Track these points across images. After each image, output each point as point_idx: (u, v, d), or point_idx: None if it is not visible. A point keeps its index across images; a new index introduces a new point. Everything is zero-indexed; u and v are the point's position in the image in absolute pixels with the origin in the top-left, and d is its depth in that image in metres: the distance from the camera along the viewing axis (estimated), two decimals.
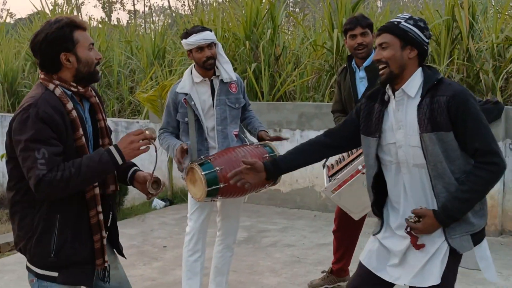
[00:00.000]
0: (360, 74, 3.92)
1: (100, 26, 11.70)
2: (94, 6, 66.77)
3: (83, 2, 34.47)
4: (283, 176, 3.19)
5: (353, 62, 3.97)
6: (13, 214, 2.40)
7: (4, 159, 5.82)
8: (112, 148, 2.27)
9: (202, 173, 3.42)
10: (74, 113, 2.31)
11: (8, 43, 11.10)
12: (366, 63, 3.88)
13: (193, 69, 3.80)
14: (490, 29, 7.19)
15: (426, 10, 7.59)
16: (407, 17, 2.52)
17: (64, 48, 2.30)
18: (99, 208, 2.40)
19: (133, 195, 6.83)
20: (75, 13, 11.82)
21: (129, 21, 16.87)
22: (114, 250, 2.65)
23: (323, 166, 3.87)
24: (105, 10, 36.05)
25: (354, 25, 3.85)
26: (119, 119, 8.17)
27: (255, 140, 3.92)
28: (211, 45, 3.69)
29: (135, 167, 2.63)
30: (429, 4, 8.09)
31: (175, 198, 7.13)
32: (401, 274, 2.59)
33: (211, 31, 3.73)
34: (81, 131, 2.33)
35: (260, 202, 6.89)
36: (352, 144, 2.80)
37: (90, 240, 2.40)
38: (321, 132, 2.88)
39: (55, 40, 2.29)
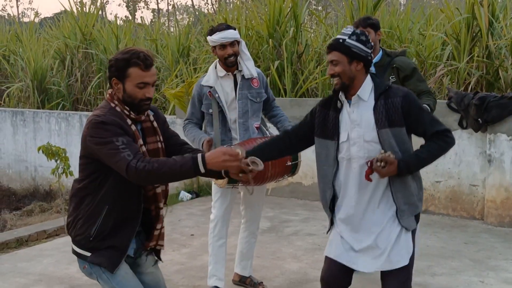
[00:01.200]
0: (372, 70, 4.11)
1: (125, 25, 11.98)
2: (119, 5, 67.40)
3: (107, 1, 34.92)
4: (305, 169, 3.43)
5: None
6: (72, 199, 2.73)
7: (40, 151, 6.14)
8: (198, 157, 2.49)
9: None
10: (133, 126, 2.65)
11: (37, 41, 11.42)
12: (374, 60, 4.07)
13: (217, 64, 4.03)
14: (509, 27, 7.31)
15: (446, 8, 7.72)
16: (349, 33, 2.89)
17: (117, 76, 2.62)
18: (160, 205, 2.76)
19: None
20: (100, 12, 12.08)
21: (153, 20, 17.15)
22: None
23: None
24: (129, 9, 36.51)
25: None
26: None
27: (276, 133, 4.13)
28: (233, 43, 3.89)
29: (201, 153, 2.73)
30: (450, 2, 8.20)
31: (201, 191, 7.39)
32: (370, 262, 2.91)
33: (235, 29, 3.94)
34: (141, 141, 2.66)
35: (282, 194, 7.11)
36: (304, 145, 3.18)
37: (131, 231, 2.69)
38: None
39: (113, 66, 2.62)
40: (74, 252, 2.76)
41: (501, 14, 7.44)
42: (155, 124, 2.76)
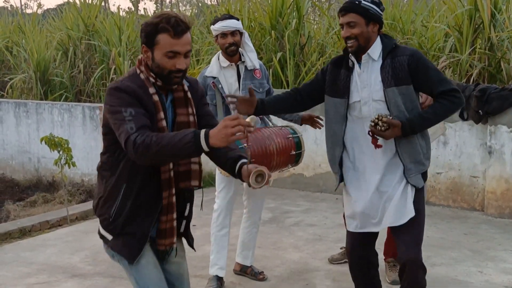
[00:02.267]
0: None
1: (128, 16, 11.98)
2: None
3: None
4: (306, 160, 3.49)
5: None
6: (98, 175, 2.59)
7: (43, 142, 6.17)
8: (201, 131, 2.21)
9: None
10: (156, 97, 2.42)
11: (40, 33, 11.43)
12: None
13: (220, 54, 4.08)
14: (511, 19, 7.30)
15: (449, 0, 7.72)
16: None
17: (146, 42, 2.41)
18: (172, 191, 2.47)
19: None
20: (103, 4, 12.06)
21: (156, 11, 17.17)
22: (184, 241, 2.72)
23: None
24: (132, 0, 36.45)
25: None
26: None
27: (278, 124, 4.18)
28: (234, 32, 3.95)
29: (244, 160, 2.49)
30: None
31: (203, 183, 7.36)
32: (382, 221, 3.04)
33: (238, 20, 3.99)
34: (162, 115, 2.42)
35: (284, 186, 7.15)
36: (312, 102, 3.27)
37: (150, 218, 2.48)
38: None
39: (143, 31, 2.41)
40: (99, 233, 2.59)
41: (504, 6, 7.44)
42: (188, 95, 2.52)
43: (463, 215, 5.89)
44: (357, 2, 2.90)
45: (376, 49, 2.97)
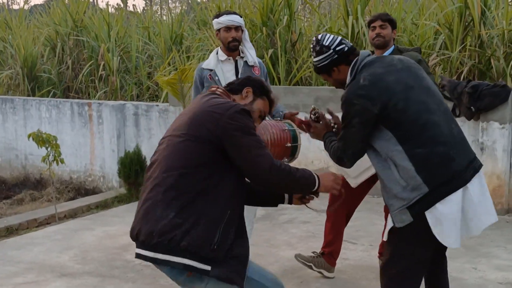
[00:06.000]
0: None
1: (117, 12, 11.88)
2: None
3: None
4: (299, 157, 3.47)
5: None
6: (173, 200, 2.31)
7: (30, 139, 6.06)
8: (315, 174, 2.48)
9: None
10: None
11: (27, 28, 11.31)
12: (386, 53, 4.10)
13: (219, 49, 4.08)
14: (501, 16, 7.32)
15: None
16: (312, 51, 2.95)
17: (263, 95, 2.70)
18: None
19: None
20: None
21: (145, 8, 17.04)
22: None
23: None
24: None
25: (376, 18, 4.16)
26: (139, 102, 8.40)
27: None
28: (238, 28, 3.97)
29: None
30: None
31: None
32: None
33: (241, 17, 4.02)
34: None
35: None
36: None
37: (247, 239, 2.48)
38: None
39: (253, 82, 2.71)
40: (186, 267, 2.30)
41: (493, 4, 7.46)
42: None
43: None
44: (314, 64, 2.96)
45: None
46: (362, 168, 3.79)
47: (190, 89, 6.60)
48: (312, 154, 6.62)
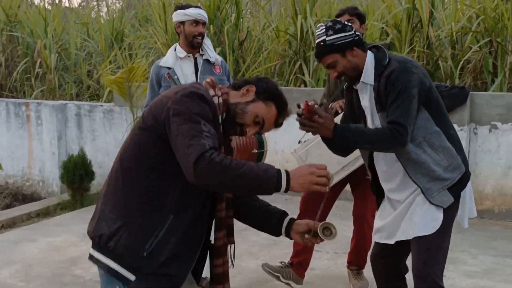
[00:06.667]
0: None
1: (54, 7, 11.34)
2: None
3: None
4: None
5: None
6: (112, 193, 2.10)
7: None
8: (282, 170, 1.96)
9: None
10: (221, 128, 2.14)
11: None
12: None
13: (177, 46, 3.87)
14: (448, 18, 7.40)
15: None
16: (324, 30, 2.67)
17: (260, 95, 2.21)
18: (224, 232, 2.23)
19: (98, 181, 6.72)
20: None
21: (81, 3, 16.44)
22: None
23: (299, 142, 3.91)
24: None
25: (343, 12, 3.98)
26: (82, 102, 8.00)
27: None
28: (204, 24, 3.80)
29: (290, 217, 2.34)
30: None
31: None
32: (390, 234, 2.86)
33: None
34: (222, 149, 2.16)
35: None
36: None
37: (191, 261, 2.15)
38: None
39: (266, 89, 2.23)
40: (109, 270, 2.07)
41: (441, 5, 7.55)
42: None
43: None
44: (322, 44, 2.67)
45: (369, 72, 2.70)
46: (343, 164, 3.64)
47: (138, 89, 6.35)
48: (268, 158, 6.46)
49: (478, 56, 6.96)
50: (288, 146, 5.51)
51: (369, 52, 2.73)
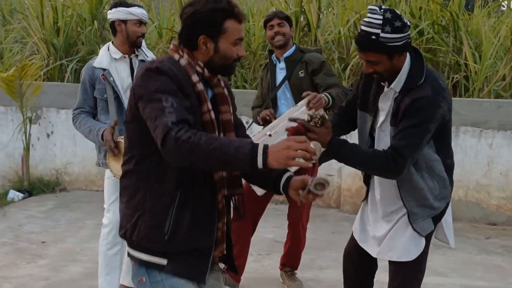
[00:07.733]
0: (281, 66, 3.96)
1: None
2: None
3: None
4: None
5: (273, 55, 3.99)
6: (123, 190, 2.11)
7: None
8: (259, 145, 1.83)
9: None
10: (200, 85, 2.02)
11: None
12: (286, 54, 3.92)
13: (110, 45, 3.61)
14: (335, 20, 7.67)
15: (276, 0, 7.85)
16: (381, 22, 2.39)
17: (207, 32, 2.02)
18: (225, 192, 2.11)
19: None
20: None
21: None
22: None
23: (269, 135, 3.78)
24: None
25: (272, 17, 3.90)
26: None
27: None
28: (145, 25, 3.59)
29: (289, 173, 2.19)
30: None
31: (34, 189, 6.39)
32: (372, 247, 2.82)
33: None
34: (208, 106, 2.02)
35: None
36: (354, 126, 2.84)
37: (211, 228, 2.10)
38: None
39: (201, 21, 2.01)
40: (141, 262, 2.06)
41: (327, 9, 7.81)
42: (225, 91, 2.15)
43: (321, 213, 5.92)
44: (374, 38, 2.39)
45: (401, 80, 2.52)
46: None
47: (29, 88, 5.82)
48: None
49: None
50: None
51: (408, 60, 2.54)
